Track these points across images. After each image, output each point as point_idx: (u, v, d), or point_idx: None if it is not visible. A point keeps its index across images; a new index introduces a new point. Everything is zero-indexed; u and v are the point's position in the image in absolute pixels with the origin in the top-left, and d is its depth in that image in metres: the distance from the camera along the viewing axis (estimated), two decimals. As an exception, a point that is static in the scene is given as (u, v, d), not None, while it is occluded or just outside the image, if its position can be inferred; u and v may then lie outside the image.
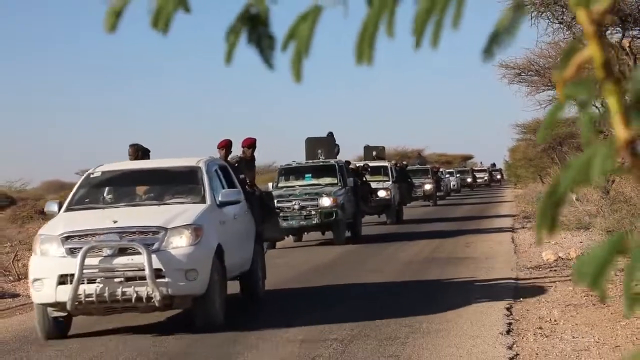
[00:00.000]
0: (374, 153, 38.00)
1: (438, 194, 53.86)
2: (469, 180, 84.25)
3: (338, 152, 28.29)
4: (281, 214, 22.98)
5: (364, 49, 1.61)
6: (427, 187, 50.13)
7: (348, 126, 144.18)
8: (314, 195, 24.69)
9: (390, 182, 34.51)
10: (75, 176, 77.56)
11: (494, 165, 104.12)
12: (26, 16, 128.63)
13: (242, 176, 14.81)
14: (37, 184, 71.93)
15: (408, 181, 39.16)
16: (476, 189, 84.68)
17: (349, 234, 25.91)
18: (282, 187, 25.95)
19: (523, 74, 31.42)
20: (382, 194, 33.32)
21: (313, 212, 24.42)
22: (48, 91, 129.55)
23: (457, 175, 78.09)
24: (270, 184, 25.78)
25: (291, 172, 26.91)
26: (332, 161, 26.70)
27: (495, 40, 1.54)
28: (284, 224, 23.08)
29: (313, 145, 28.27)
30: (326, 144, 28.33)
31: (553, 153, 50.04)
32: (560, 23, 22.89)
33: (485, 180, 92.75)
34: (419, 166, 52.52)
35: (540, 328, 10.59)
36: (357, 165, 30.60)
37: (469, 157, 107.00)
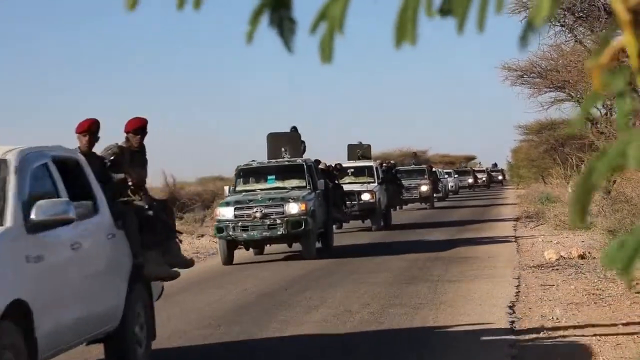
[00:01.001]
0: (359, 152, 34.54)
1: (435, 195, 50.35)
2: (470, 181, 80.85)
3: (304, 150, 24.47)
4: (240, 224, 20.52)
5: (407, 28, 1.55)
6: (423, 188, 46.02)
7: (350, 127, 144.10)
8: (279, 200, 20.86)
9: (376, 184, 31.27)
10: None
11: (495, 165, 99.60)
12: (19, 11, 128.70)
13: (119, 176, 9.98)
14: None
15: (397, 183, 36.08)
16: (476, 189, 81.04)
17: (319, 244, 22.05)
18: (240, 192, 22.10)
19: (525, 76, 31.52)
20: (365, 197, 30.04)
21: (278, 221, 20.50)
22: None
23: (456, 176, 74.50)
24: (226, 188, 22.73)
25: (251, 173, 22.89)
26: (299, 160, 22.81)
27: (531, 27, 1.54)
28: (243, 234, 20.56)
29: (276, 141, 24.18)
30: (291, 140, 24.30)
31: (555, 154, 50.07)
32: (562, 26, 23.00)
33: (484, 181, 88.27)
34: (414, 166, 49.55)
35: (543, 326, 10.68)
36: (328, 164, 26.73)
37: (472, 158, 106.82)
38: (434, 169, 53.49)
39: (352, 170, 32.15)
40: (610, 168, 1.44)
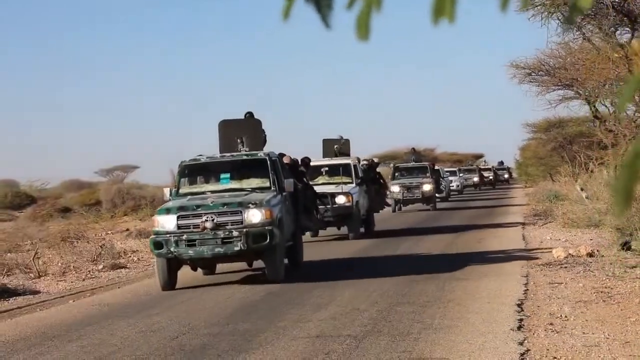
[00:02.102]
0: (336, 147, 29.33)
1: (438, 195, 45.87)
2: (476, 179, 77.05)
3: (265, 142, 19.64)
4: (185, 237, 16.08)
5: (446, 4, 1.52)
6: (426, 187, 41.77)
7: (360, 126, 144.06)
8: (235, 206, 16.18)
9: (354, 185, 27.09)
10: (94, 175, 79.05)
11: (501, 163, 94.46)
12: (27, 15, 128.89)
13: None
14: (56, 183, 72.93)
15: (379, 183, 31.12)
16: (482, 188, 77.26)
17: (286, 261, 17.70)
18: (185, 195, 17.41)
19: (533, 74, 31.53)
20: (340, 200, 25.84)
21: (235, 233, 15.97)
22: (54, 90, 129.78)
23: (460, 174, 69.96)
24: (166, 191, 17.77)
25: (199, 170, 18.09)
26: (261, 154, 17.90)
27: (576, 8, 1.55)
28: (189, 251, 16.08)
29: (230, 130, 19.36)
30: (249, 129, 19.43)
31: (563, 152, 50.14)
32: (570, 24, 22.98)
33: (490, 179, 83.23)
34: (414, 163, 44.18)
35: (551, 324, 10.69)
36: (293, 158, 20.44)
37: (480, 156, 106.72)
38: (436, 167, 50.13)
39: (327, 168, 27.72)
40: None
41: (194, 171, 18.01)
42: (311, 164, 23.59)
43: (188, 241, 16.05)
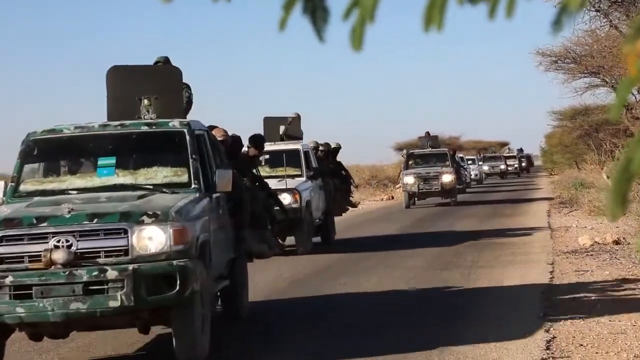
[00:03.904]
0: (282, 129, 20.75)
1: (459, 186, 38.49)
2: (502, 167, 72.41)
3: (190, 106, 12.44)
4: (9, 279, 8.48)
5: (434, 14, 1.57)
6: (446, 178, 34.70)
7: (386, 115, 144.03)
8: (115, 219, 8.78)
9: (304, 179, 19.77)
10: None
11: (520, 150, 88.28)
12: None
13: None
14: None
15: (342, 175, 23.38)
16: (505, 177, 71.70)
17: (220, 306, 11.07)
18: (29, 194, 9.89)
19: (559, 62, 31.47)
20: (286, 199, 18.11)
21: (112, 275, 8.50)
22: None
23: (480, 163, 64.69)
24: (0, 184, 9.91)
25: (59, 151, 10.50)
26: (174, 124, 10.23)
27: (565, 12, 1.57)
28: (17, 309, 8.42)
29: (126, 84, 11.11)
30: (159, 82, 11.09)
31: (589, 139, 50.00)
32: (597, 11, 22.93)
33: (516, 168, 77.23)
34: (431, 149, 36.50)
35: (577, 312, 10.70)
36: (234, 136, 13.12)
37: (506, 144, 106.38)
38: (459, 154, 45.51)
39: (267, 156, 19.49)
40: None
41: (50, 152, 10.34)
42: (244, 147, 14.25)
43: (16, 288, 8.44)
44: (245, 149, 14.41)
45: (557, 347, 8.91)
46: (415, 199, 35.50)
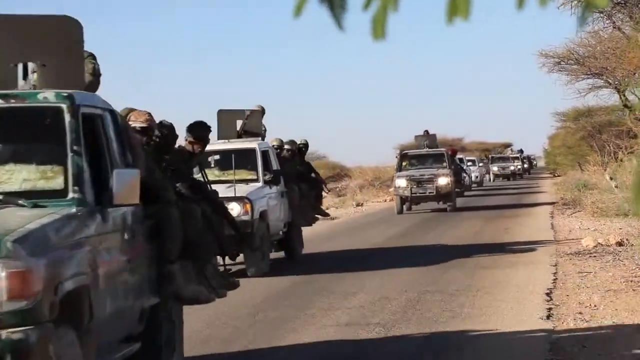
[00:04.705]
0: (239, 124, 17.58)
1: (458, 190, 35.37)
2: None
3: (99, 81, 7.85)
4: None
5: (460, 3, 1.56)
6: (442, 181, 31.38)
7: (390, 116, 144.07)
8: None
9: (261, 184, 16.57)
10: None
11: (520, 151, 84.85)
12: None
13: None
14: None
15: (311, 179, 19.99)
16: (505, 180, 69.44)
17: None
18: None
19: (563, 63, 31.46)
20: (234, 209, 14.78)
21: None
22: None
23: (481, 164, 62.37)
24: None
25: None
26: (48, 96, 6.55)
27: (589, 6, 1.58)
28: None
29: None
30: (45, 35, 7.08)
31: (592, 141, 49.99)
32: (600, 12, 22.91)
33: (519, 169, 74.00)
34: (427, 150, 33.40)
35: (580, 313, 10.68)
36: (168, 123, 8.99)
37: (509, 145, 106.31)
38: (459, 155, 43.39)
39: (217, 157, 16.93)
40: None
41: None
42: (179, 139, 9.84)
43: None
44: (184, 142, 10.55)
45: (560, 348, 8.91)
46: (410, 203, 32.54)
